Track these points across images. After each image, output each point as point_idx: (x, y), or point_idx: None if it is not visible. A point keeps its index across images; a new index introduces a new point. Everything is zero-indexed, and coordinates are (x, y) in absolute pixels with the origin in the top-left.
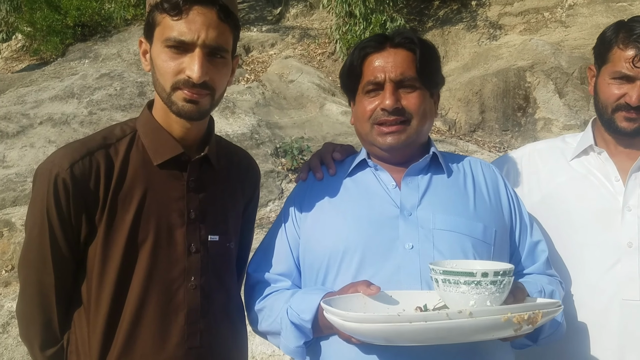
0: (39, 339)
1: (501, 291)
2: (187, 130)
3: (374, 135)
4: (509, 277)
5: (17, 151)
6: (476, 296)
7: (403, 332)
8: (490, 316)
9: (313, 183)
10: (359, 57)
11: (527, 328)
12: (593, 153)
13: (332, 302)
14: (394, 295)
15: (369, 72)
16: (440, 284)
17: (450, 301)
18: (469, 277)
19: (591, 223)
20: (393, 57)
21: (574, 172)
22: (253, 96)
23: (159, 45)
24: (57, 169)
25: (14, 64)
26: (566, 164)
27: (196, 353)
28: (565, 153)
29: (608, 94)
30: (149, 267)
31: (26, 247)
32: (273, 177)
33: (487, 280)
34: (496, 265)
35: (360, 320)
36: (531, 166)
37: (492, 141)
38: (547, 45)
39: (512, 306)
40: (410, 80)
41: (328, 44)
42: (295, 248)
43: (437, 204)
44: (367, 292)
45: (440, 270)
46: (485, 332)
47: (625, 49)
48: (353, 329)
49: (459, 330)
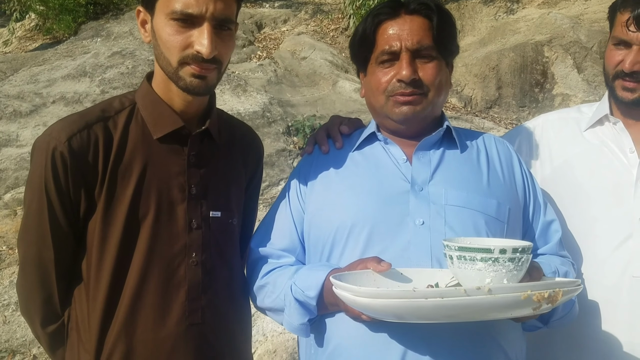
0: (40, 315)
1: (519, 269)
2: (188, 103)
3: (389, 107)
4: (527, 255)
5: (30, 130)
6: (493, 274)
7: (418, 309)
8: (509, 293)
9: (319, 156)
10: (372, 24)
11: (546, 307)
12: (608, 123)
13: (341, 277)
14: (405, 272)
15: (383, 40)
16: (455, 261)
17: (466, 279)
18: (486, 253)
19: (603, 197)
20: (409, 25)
21: (587, 144)
22: (265, 74)
23: (162, 17)
24: (55, 142)
25: (27, 43)
26: (579, 135)
27: (197, 329)
28: (580, 123)
29: (609, 60)
30: (149, 243)
31: (25, 221)
32: (285, 156)
33: (505, 257)
34: (514, 242)
35: (373, 295)
36: (543, 137)
37: (509, 118)
38: (566, 19)
39: (532, 283)
40: (427, 49)
41: (341, 19)
42: (300, 223)
43: (449, 179)
44: (378, 268)
45: (455, 246)
46: (503, 310)
47: (622, 13)
48: (365, 305)
49: (476, 307)
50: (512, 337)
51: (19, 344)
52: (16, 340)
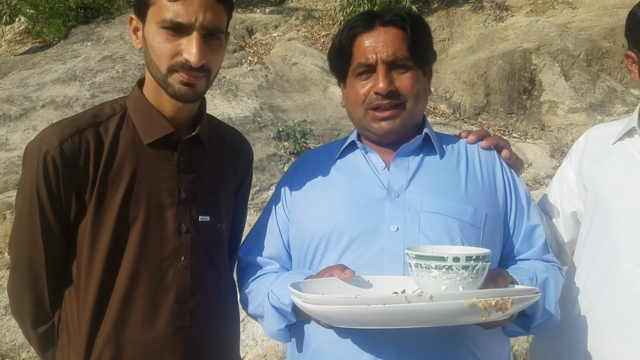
0: (31, 316)
1: (474, 277)
2: (178, 109)
3: (368, 121)
4: (484, 263)
5: (19, 134)
6: (448, 281)
7: (361, 315)
8: (452, 300)
9: (304, 165)
10: (348, 37)
11: (497, 315)
12: (637, 135)
13: (302, 285)
14: (372, 280)
15: (360, 53)
16: (414, 269)
17: (424, 286)
18: (439, 261)
19: (629, 211)
20: (384, 36)
21: (615, 157)
22: (256, 79)
23: (153, 25)
24: (47, 146)
25: (17, 47)
26: (608, 148)
27: (186, 332)
28: (610, 137)
29: None
30: (139, 247)
31: (16, 225)
32: (275, 161)
33: (458, 265)
34: (472, 250)
35: (318, 302)
36: (578, 152)
37: (497, 124)
38: (554, 27)
39: (477, 291)
40: (402, 60)
41: (332, 25)
42: (285, 231)
43: (426, 185)
44: (342, 276)
45: (413, 254)
46: (449, 318)
47: None
48: (313, 311)
49: (418, 314)
50: (485, 342)
51: (8, 349)
52: (5, 344)
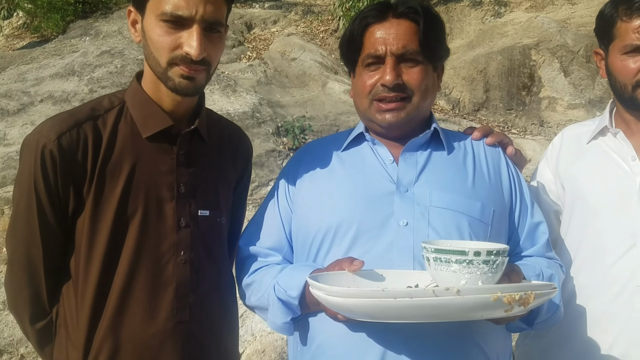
0: (28, 311)
1: (494, 271)
2: (177, 103)
3: (372, 112)
4: (503, 258)
5: (17, 129)
6: (467, 275)
7: (387, 308)
8: (478, 295)
9: (307, 156)
10: (360, 27)
11: (519, 309)
12: (610, 134)
13: (319, 278)
14: (385, 274)
15: (370, 44)
16: (432, 263)
17: (442, 280)
18: (460, 255)
19: (608, 208)
20: (395, 29)
21: (590, 156)
22: (255, 74)
23: (152, 18)
24: (45, 140)
25: (15, 42)
26: (582, 148)
27: (185, 327)
28: (583, 136)
29: (625, 70)
30: (138, 241)
31: (14, 219)
32: (274, 157)
33: (479, 260)
34: (491, 245)
35: (344, 294)
36: (554, 153)
37: (496, 120)
38: (553, 23)
39: (502, 285)
40: (412, 53)
41: (331, 20)
42: (288, 222)
43: (434, 181)
44: (351, 268)
45: (432, 248)
46: (473, 312)
47: (629, 20)
48: (337, 304)
49: (445, 308)
50: (492, 338)
51: (7, 344)
52: (3, 339)
